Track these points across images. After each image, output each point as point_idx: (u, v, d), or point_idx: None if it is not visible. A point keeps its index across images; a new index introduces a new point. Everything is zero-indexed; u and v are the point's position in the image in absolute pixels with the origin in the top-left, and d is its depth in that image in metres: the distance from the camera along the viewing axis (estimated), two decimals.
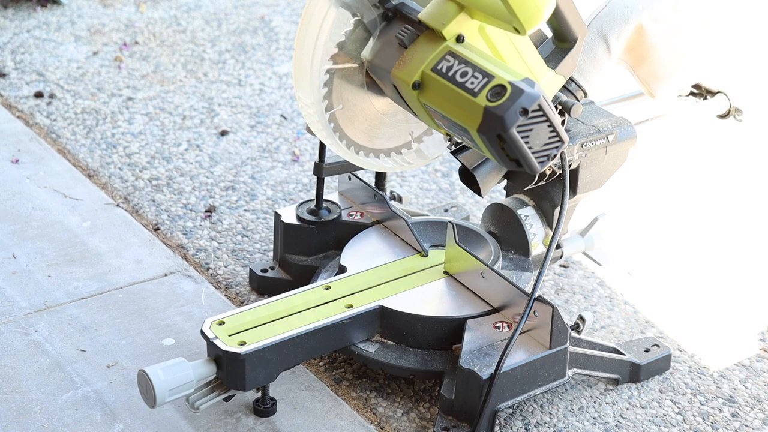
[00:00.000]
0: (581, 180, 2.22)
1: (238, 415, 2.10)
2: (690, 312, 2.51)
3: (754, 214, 2.88)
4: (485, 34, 1.99)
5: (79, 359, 2.23)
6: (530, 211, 2.30)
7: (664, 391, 2.27)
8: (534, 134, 1.88)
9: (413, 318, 2.15)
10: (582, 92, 2.16)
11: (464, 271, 2.24)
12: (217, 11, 3.85)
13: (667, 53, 2.23)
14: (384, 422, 2.15)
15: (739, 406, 2.24)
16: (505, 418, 2.17)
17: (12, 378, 2.17)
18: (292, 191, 2.87)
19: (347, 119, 2.17)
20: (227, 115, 3.20)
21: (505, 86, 1.85)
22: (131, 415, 2.09)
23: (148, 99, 3.27)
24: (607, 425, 2.17)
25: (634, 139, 2.24)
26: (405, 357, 2.15)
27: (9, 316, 2.34)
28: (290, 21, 3.80)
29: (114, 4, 3.84)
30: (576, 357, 2.17)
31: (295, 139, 3.10)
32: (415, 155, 2.29)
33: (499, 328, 2.14)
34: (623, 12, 2.18)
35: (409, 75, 1.97)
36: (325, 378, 2.24)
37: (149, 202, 2.78)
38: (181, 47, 3.59)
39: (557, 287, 2.56)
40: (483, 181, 2.17)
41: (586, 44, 2.15)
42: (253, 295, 2.47)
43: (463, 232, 2.34)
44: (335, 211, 2.46)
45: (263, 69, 3.47)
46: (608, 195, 2.76)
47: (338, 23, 2.08)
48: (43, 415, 2.09)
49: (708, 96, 2.46)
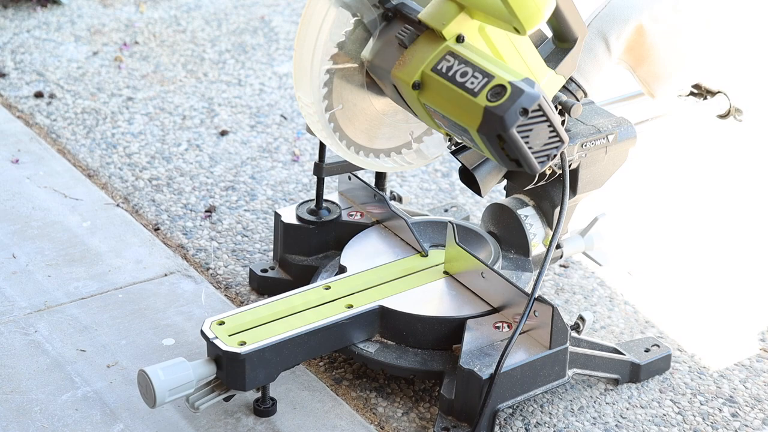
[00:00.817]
0: (581, 180, 2.22)
1: (238, 415, 2.10)
2: (690, 312, 2.52)
3: (754, 214, 2.88)
4: (485, 34, 2.00)
5: (79, 359, 2.23)
6: (530, 211, 2.30)
7: (664, 391, 2.27)
8: (534, 134, 1.88)
9: (413, 318, 2.15)
10: (582, 92, 2.16)
11: (464, 271, 2.24)
12: (217, 11, 3.85)
13: (667, 53, 2.23)
14: (384, 422, 2.15)
15: (739, 406, 2.24)
16: (505, 418, 2.17)
17: (12, 378, 2.17)
18: (292, 191, 2.87)
19: (347, 119, 2.17)
20: (227, 115, 3.20)
21: (505, 86, 1.85)
22: (131, 415, 2.09)
23: (148, 99, 3.27)
24: (607, 425, 2.17)
25: (634, 139, 2.24)
26: (405, 357, 2.15)
27: (9, 316, 2.34)
28: (290, 21, 3.80)
29: (114, 4, 3.84)
30: (576, 357, 2.17)
31: (295, 139, 3.10)
32: (415, 155, 2.29)
33: (499, 328, 2.14)
34: (623, 12, 2.18)
35: (409, 75, 1.97)
36: (325, 378, 2.24)
37: (149, 202, 2.78)
38: (181, 47, 3.59)
39: (557, 287, 2.56)
40: (483, 181, 2.17)
41: (586, 44, 2.15)
42: (253, 295, 2.47)
43: (463, 232, 2.34)
44: (335, 211, 2.46)
45: (263, 69, 3.47)
46: (608, 195, 2.76)
47: (338, 23, 2.08)
48: (43, 415, 2.09)
49: (708, 96, 2.46)
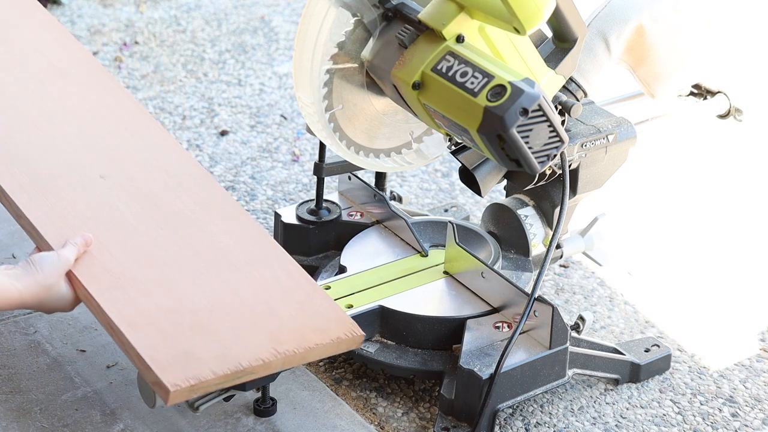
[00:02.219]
0: (581, 180, 2.22)
1: (238, 415, 2.10)
2: (690, 312, 2.52)
3: (754, 214, 2.88)
4: (485, 34, 2.00)
5: (79, 359, 2.23)
6: (530, 211, 2.30)
7: (664, 391, 2.27)
8: (534, 134, 1.88)
9: (413, 318, 2.15)
10: (582, 92, 2.16)
11: (464, 271, 2.24)
12: (217, 11, 3.85)
13: (667, 53, 2.23)
14: (384, 422, 2.15)
15: (739, 406, 2.24)
16: (505, 418, 2.17)
17: (12, 378, 2.17)
18: (292, 191, 2.87)
19: (347, 119, 2.17)
20: (227, 115, 3.20)
21: (505, 86, 1.85)
22: (131, 415, 2.09)
23: (148, 99, 3.27)
24: (607, 425, 2.17)
25: (634, 139, 2.24)
26: (405, 357, 2.15)
27: (9, 316, 2.34)
28: (290, 21, 3.80)
29: (114, 4, 3.84)
30: (576, 357, 2.17)
31: (295, 139, 3.10)
32: (415, 155, 2.29)
33: (499, 328, 2.14)
34: (623, 12, 2.18)
35: (409, 75, 1.97)
36: (325, 378, 2.24)
37: None
38: (181, 47, 3.59)
39: (557, 287, 2.56)
40: (483, 181, 2.17)
41: (586, 44, 2.15)
42: None
43: (463, 232, 2.34)
44: (335, 211, 2.46)
45: (263, 69, 3.47)
46: (608, 195, 2.76)
47: (338, 23, 2.08)
48: (43, 415, 2.09)
49: (708, 96, 2.46)
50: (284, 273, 1.98)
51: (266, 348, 1.82)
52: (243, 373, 1.78)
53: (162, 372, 1.73)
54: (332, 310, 1.93)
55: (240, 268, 1.96)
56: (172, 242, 1.98)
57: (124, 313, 1.81)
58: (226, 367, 1.77)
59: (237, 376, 1.78)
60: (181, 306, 1.85)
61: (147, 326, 1.80)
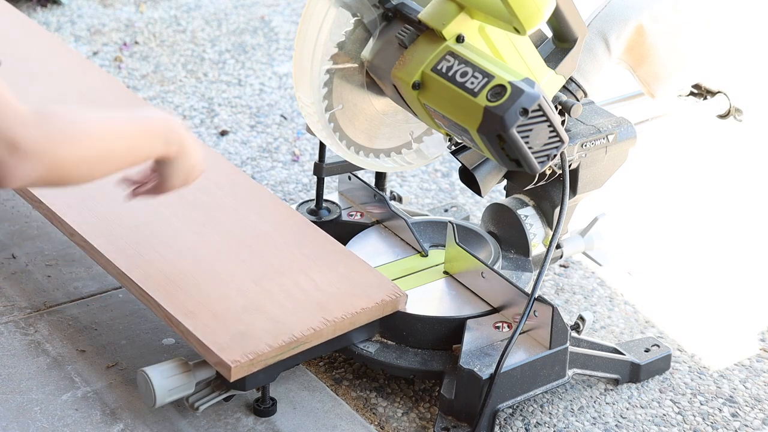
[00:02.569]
0: (581, 180, 2.22)
1: (238, 415, 2.10)
2: (690, 312, 2.52)
3: (754, 214, 2.88)
4: (485, 34, 2.00)
5: (79, 359, 2.23)
6: (530, 211, 2.30)
7: (664, 391, 2.27)
8: (534, 134, 1.88)
9: (413, 318, 2.15)
10: (582, 92, 2.16)
11: (464, 271, 2.24)
12: (217, 11, 3.85)
13: (667, 53, 2.23)
14: (384, 422, 2.15)
15: (739, 406, 2.24)
16: (505, 418, 2.17)
17: (12, 378, 2.17)
18: (292, 191, 2.87)
19: (347, 119, 2.17)
20: (227, 115, 3.20)
21: (505, 86, 1.85)
22: (131, 415, 2.09)
23: (148, 99, 3.27)
24: (607, 425, 2.17)
25: (634, 139, 2.24)
26: (405, 357, 2.15)
27: (9, 316, 2.34)
28: (290, 21, 3.80)
29: (114, 4, 3.84)
30: (576, 357, 2.17)
31: (295, 139, 3.10)
32: (415, 155, 2.29)
33: (499, 328, 2.14)
34: (623, 12, 2.18)
35: (409, 75, 1.97)
36: (325, 378, 2.24)
37: None
38: (181, 47, 3.59)
39: (557, 287, 2.56)
40: (483, 181, 2.17)
41: (586, 44, 2.15)
42: None
43: (463, 232, 2.34)
44: (335, 211, 2.46)
45: (263, 69, 3.47)
46: (608, 195, 2.76)
47: (338, 23, 2.08)
48: (43, 415, 2.09)
49: (708, 96, 2.46)
50: (323, 249, 2.18)
51: (316, 318, 2.00)
52: (297, 343, 1.96)
53: (222, 352, 1.91)
54: (373, 276, 2.13)
55: (282, 250, 2.16)
56: (216, 234, 2.19)
57: (179, 305, 2.00)
58: (280, 339, 1.94)
59: (292, 346, 1.95)
60: (231, 291, 2.05)
61: (202, 314, 1.98)
